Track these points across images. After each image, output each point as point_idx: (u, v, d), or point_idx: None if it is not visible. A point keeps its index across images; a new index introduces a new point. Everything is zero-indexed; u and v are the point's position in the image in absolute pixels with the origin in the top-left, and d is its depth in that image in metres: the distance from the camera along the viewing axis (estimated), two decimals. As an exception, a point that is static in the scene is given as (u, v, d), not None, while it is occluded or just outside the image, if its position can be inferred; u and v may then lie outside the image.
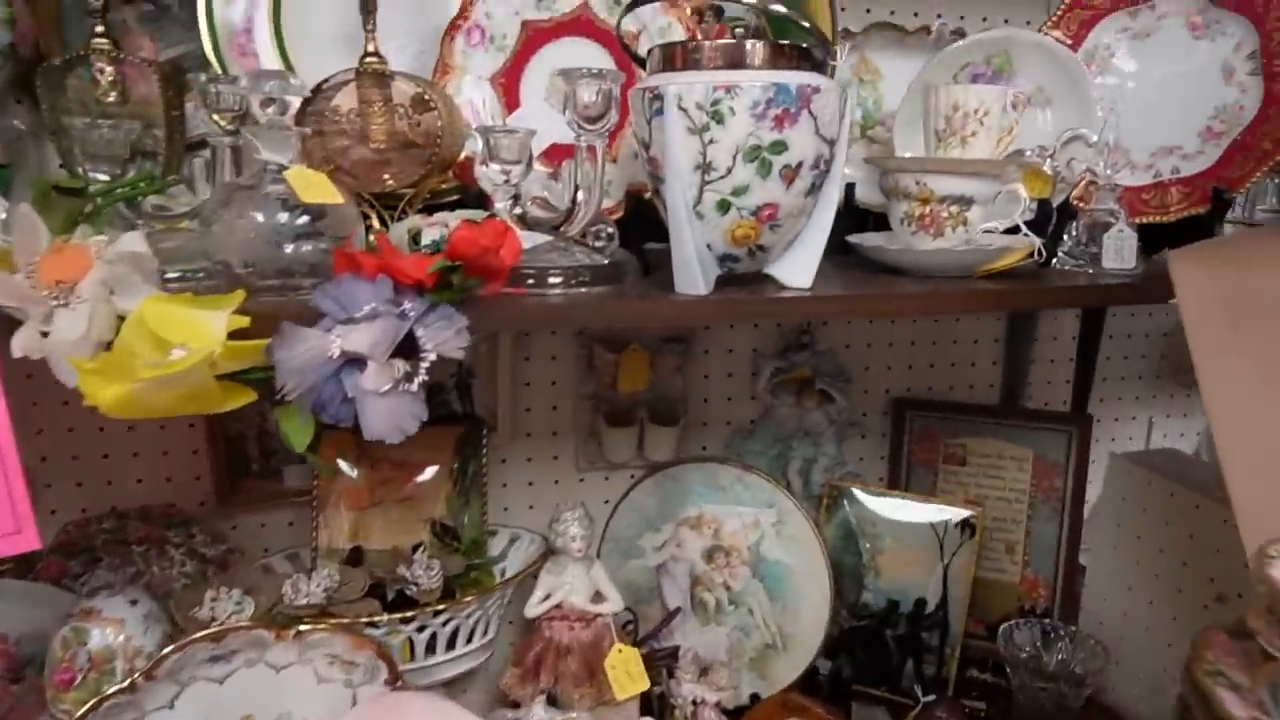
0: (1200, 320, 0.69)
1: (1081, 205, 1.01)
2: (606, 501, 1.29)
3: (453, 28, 0.98)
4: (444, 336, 0.72)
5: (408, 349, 0.70)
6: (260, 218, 0.74)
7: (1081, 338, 1.40)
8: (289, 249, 0.75)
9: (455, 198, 1.00)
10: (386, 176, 0.94)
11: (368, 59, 0.91)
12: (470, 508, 1.17)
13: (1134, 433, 1.51)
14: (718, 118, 0.73)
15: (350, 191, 0.91)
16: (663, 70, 0.78)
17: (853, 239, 0.96)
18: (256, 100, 0.76)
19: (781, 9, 0.74)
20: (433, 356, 0.70)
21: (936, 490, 1.32)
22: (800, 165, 0.76)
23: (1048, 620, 1.19)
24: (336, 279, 0.70)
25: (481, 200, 0.95)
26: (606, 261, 0.84)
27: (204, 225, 0.76)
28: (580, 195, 0.84)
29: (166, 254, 0.79)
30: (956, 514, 1.21)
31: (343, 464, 1.14)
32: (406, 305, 0.71)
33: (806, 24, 0.73)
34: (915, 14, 1.23)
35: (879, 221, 1.08)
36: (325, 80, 0.91)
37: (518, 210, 0.85)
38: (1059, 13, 1.05)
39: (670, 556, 1.26)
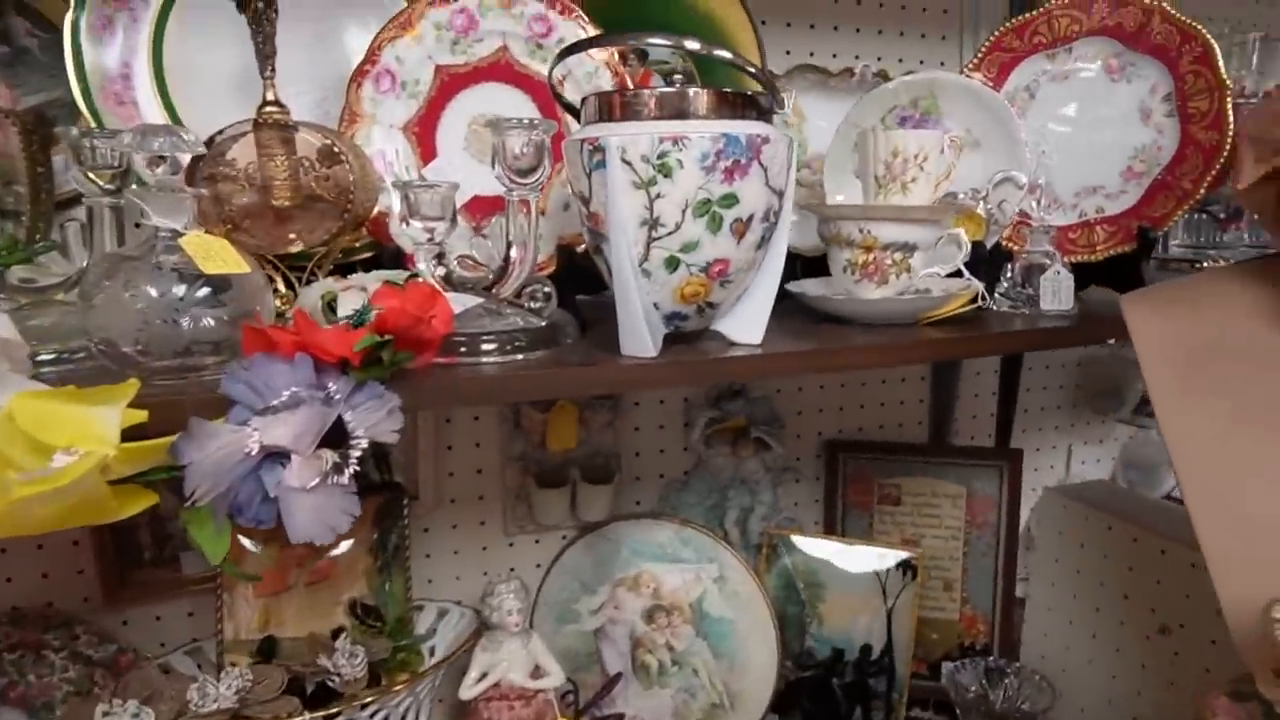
0: (1159, 368, 0.68)
1: (1013, 247, 1.01)
2: (538, 565, 1.23)
3: (360, 73, 0.91)
4: (375, 419, 0.64)
5: (335, 437, 0.63)
6: (153, 291, 0.65)
7: (1003, 372, 1.42)
8: (188, 326, 0.66)
9: (369, 255, 0.93)
10: (293, 236, 0.85)
11: (267, 108, 0.83)
12: (393, 584, 1.08)
13: (1055, 461, 1.53)
14: (665, 171, 0.69)
15: (252, 254, 0.83)
16: (600, 120, 0.73)
17: (792, 288, 0.93)
18: (143, 159, 0.67)
19: (726, 53, 0.70)
20: (364, 443, 0.63)
21: (873, 531, 1.30)
22: (751, 218, 0.72)
23: (992, 659, 1.18)
24: (247, 360, 0.62)
25: (399, 259, 0.88)
26: (544, 324, 0.79)
27: (84, 300, 0.66)
28: (514, 252, 0.78)
29: (37, 333, 0.70)
30: (896, 556, 1.19)
31: (247, 542, 1.04)
32: (331, 387, 0.63)
33: (753, 68, 0.69)
34: (834, 55, 1.22)
35: (807, 265, 1.06)
36: (219, 132, 0.83)
37: (442, 271, 0.79)
38: (979, 55, 1.06)
39: (608, 619, 1.20)
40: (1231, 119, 0.94)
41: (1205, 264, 1.06)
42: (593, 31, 0.89)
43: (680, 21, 1.02)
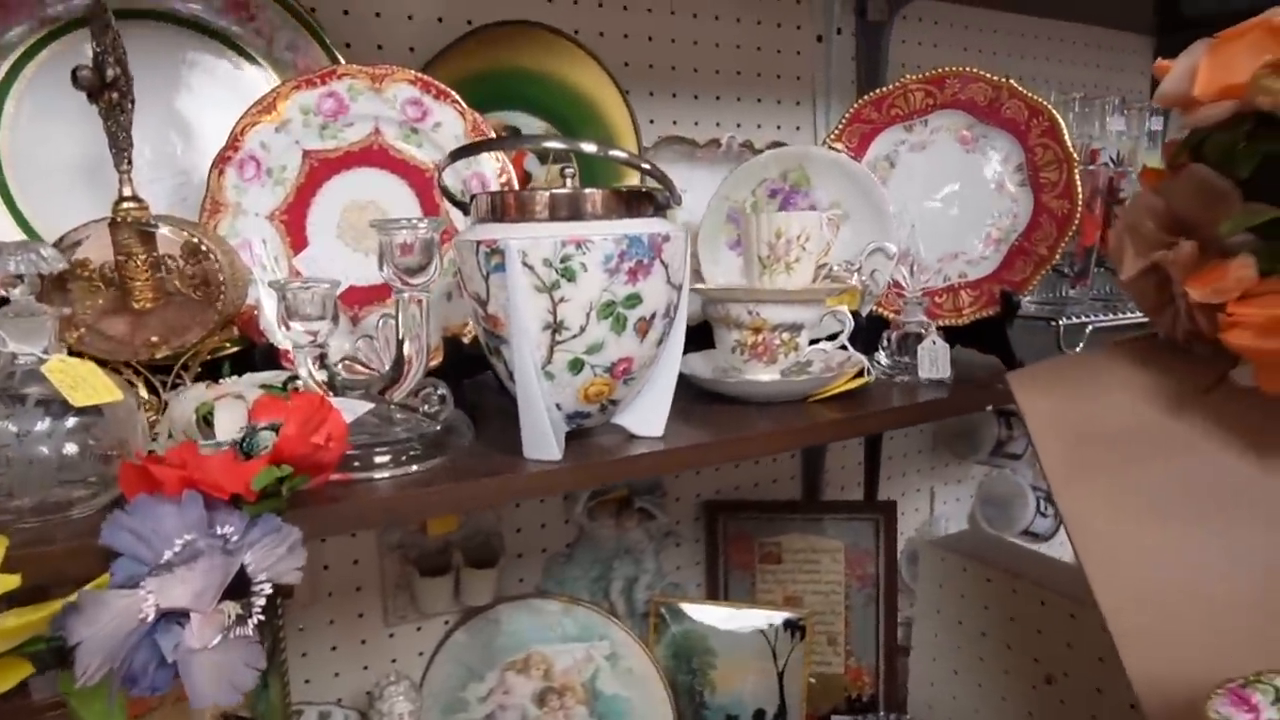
0: (1051, 448, 0.71)
1: (886, 313, 1.04)
2: (421, 654, 1.16)
3: (221, 160, 0.85)
4: (276, 558, 0.58)
5: (237, 585, 0.57)
6: (12, 427, 0.57)
7: (868, 421, 1.46)
8: (55, 464, 0.59)
9: (236, 350, 0.86)
10: (155, 339, 0.78)
11: (124, 205, 0.76)
12: (269, 691, 1.00)
13: (919, 503, 1.59)
14: (568, 275, 0.66)
15: (113, 361, 0.76)
16: (494, 220, 0.70)
17: (684, 369, 0.92)
18: (-7, 279, 0.59)
19: (622, 153, 0.68)
20: (268, 589, 0.57)
21: (756, 591, 1.31)
22: (653, 316, 0.71)
23: (880, 712, 1.21)
24: (130, 503, 0.56)
25: (271, 356, 0.82)
26: (438, 429, 0.75)
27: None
28: (408, 349, 0.73)
29: None
30: (783, 616, 1.20)
31: None
32: (227, 529, 0.57)
33: (647, 165, 0.68)
34: (696, 123, 1.23)
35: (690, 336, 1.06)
36: (70, 232, 0.75)
37: (324, 374, 0.74)
38: (840, 127, 1.09)
39: (498, 705, 1.15)
40: (1080, 188, 1.01)
41: (1060, 320, 1.12)
42: (468, 115, 0.86)
43: (557, 102, 1.00)
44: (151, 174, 0.90)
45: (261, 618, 0.57)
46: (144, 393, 0.80)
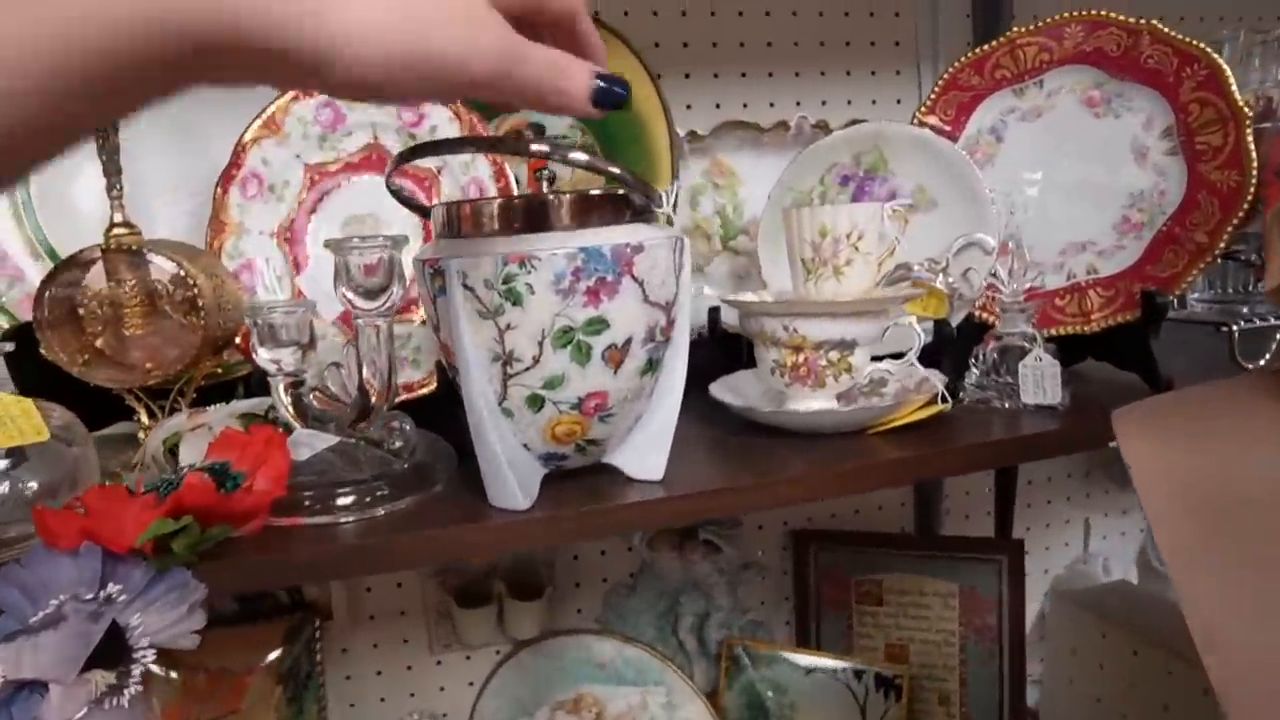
0: (1170, 524, 0.52)
1: (990, 318, 0.86)
2: (470, 684, 1.09)
3: (226, 179, 0.82)
4: (170, 619, 0.53)
5: (113, 650, 0.51)
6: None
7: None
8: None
9: (245, 374, 0.82)
10: (150, 366, 0.75)
11: (115, 231, 0.74)
12: (305, 715, 0.97)
13: (1070, 537, 1.36)
14: (513, 298, 0.55)
15: (119, 386, 0.76)
16: (446, 235, 0.60)
17: (717, 392, 0.79)
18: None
19: (582, 156, 0.56)
20: (151, 655, 0.51)
21: (853, 636, 1.14)
22: (629, 342, 0.59)
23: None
24: (31, 553, 0.52)
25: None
26: (406, 466, 0.66)
27: None
28: (366, 373, 0.65)
29: None
30: (875, 671, 1.04)
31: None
32: (112, 589, 0.52)
33: (616, 170, 0.56)
34: (771, 104, 1.08)
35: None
36: (73, 255, 0.74)
37: (290, 403, 0.67)
38: (932, 97, 0.91)
39: (550, 747, 1.06)
40: (1254, 153, 0.78)
41: (1235, 325, 0.89)
42: (464, 116, 0.76)
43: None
44: (172, 196, 0.89)
45: (140, 687, 0.51)
46: (144, 418, 0.78)
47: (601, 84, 0.40)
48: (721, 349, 0.90)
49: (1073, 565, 1.33)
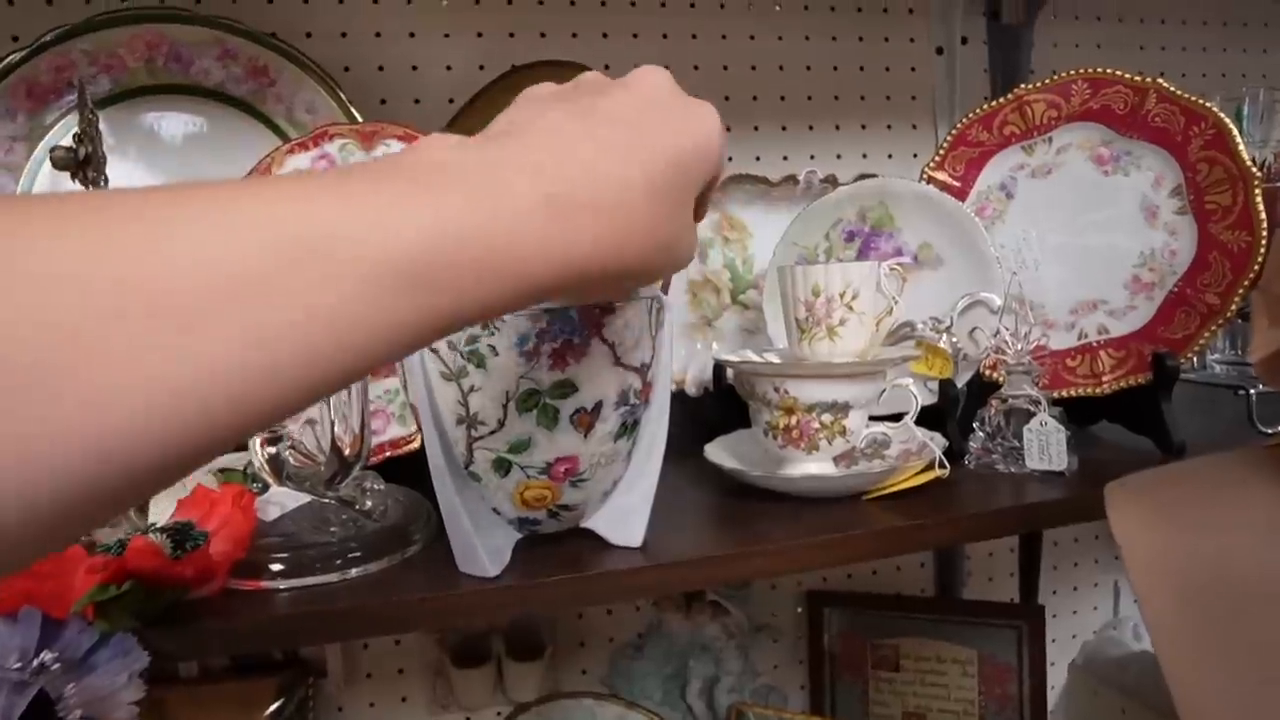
0: (1159, 606, 0.49)
1: (998, 376, 0.83)
2: (472, 747, 1.07)
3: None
4: (107, 689, 0.51)
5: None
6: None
7: (1022, 499, 1.21)
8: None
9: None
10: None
11: None
12: (291, 777, 0.95)
13: (1099, 600, 1.30)
14: (476, 360, 0.54)
15: None
16: (414, 292, 0.59)
17: (711, 453, 0.77)
18: None
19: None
20: (81, 730, 0.50)
21: (869, 703, 1.10)
22: (599, 406, 0.57)
23: None
24: None
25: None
26: (377, 527, 0.65)
27: None
28: (337, 429, 0.64)
29: None
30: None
31: None
32: (47, 656, 0.50)
33: None
34: (785, 157, 1.07)
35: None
36: None
37: (265, 460, 0.66)
38: (941, 152, 0.89)
39: (552, 817, 1.03)
40: (1263, 213, 0.76)
41: (1253, 388, 0.86)
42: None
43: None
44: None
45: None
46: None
47: None
48: (727, 404, 0.88)
49: (1102, 631, 1.26)
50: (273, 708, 0.94)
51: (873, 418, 0.74)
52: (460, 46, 1.02)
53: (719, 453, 0.78)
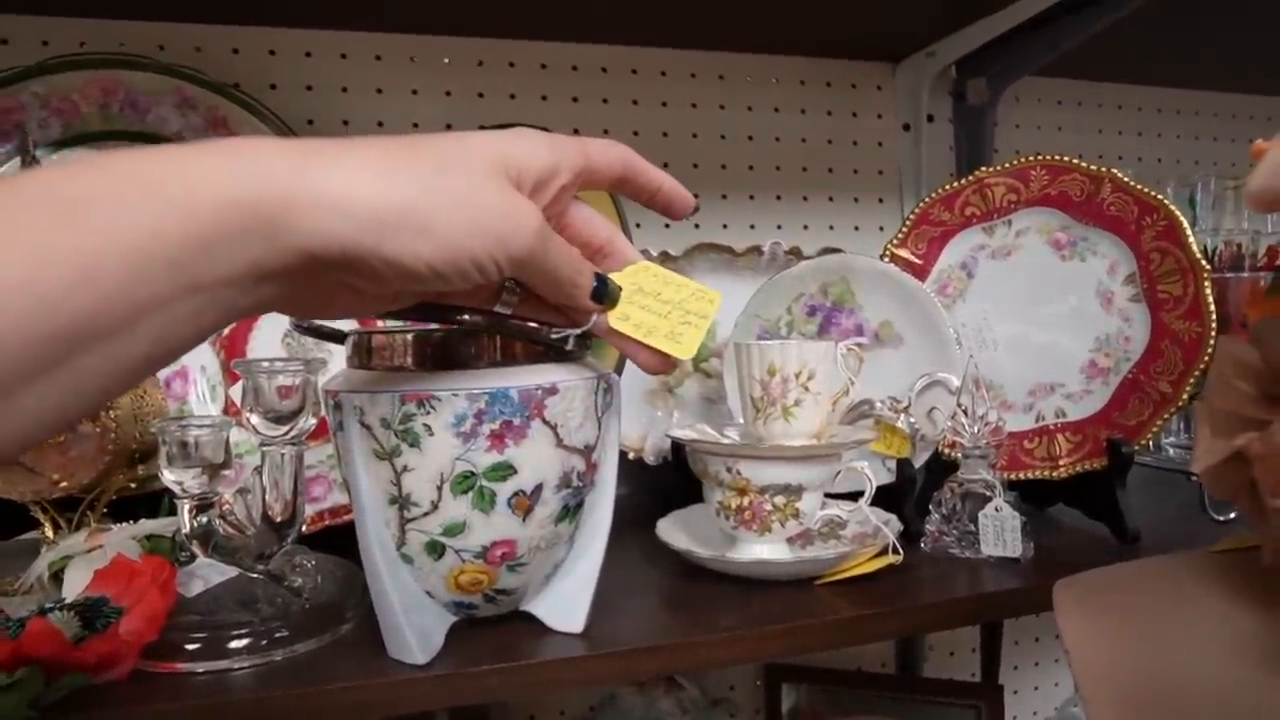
0: (1096, 700, 0.48)
1: (954, 452, 0.82)
2: (414, 826, 1.02)
3: (165, 282, 0.79)
4: None
5: None
6: None
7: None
8: None
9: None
10: (56, 476, 0.72)
11: None
12: None
13: (1061, 676, 1.29)
14: (410, 439, 0.52)
15: (20, 497, 0.71)
16: (353, 366, 0.58)
17: (663, 531, 0.75)
18: None
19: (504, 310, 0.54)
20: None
21: (825, 784, 1.07)
22: (539, 489, 0.55)
23: None
24: None
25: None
26: (308, 605, 0.62)
27: None
28: (269, 496, 0.62)
29: None
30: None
31: None
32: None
33: (533, 325, 0.53)
34: (752, 226, 1.07)
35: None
36: None
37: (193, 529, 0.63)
38: (903, 230, 0.89)
39: None
40: (1212, 305, 0.76)
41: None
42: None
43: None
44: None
45: None
46: (49, 532, 0.75)
47: (598, 286, 0.47)
48: (687, 475, 0.86)
49: (1064, 708, 1.25)
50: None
51: (830, 495, 0.73)
52: (428, 104, 1.02)
53: (671, 530, 0.76)
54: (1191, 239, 0.77)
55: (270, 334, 0.80)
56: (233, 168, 0.33)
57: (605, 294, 0.48)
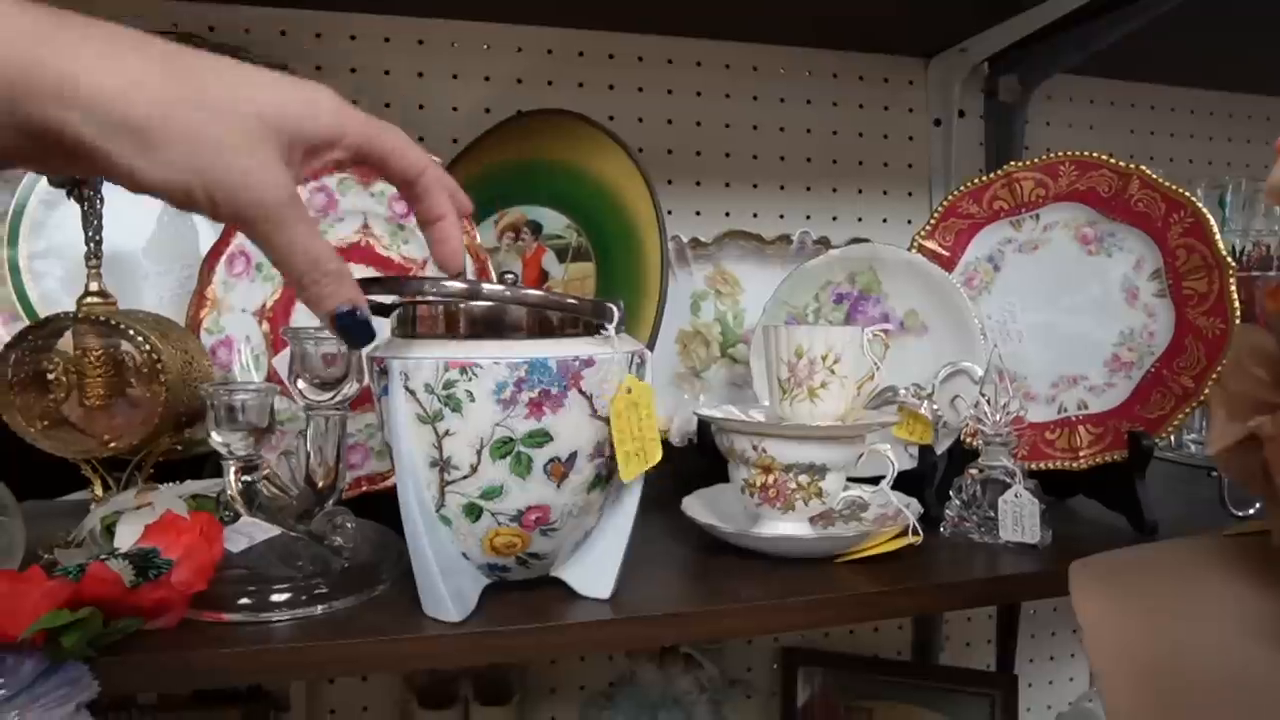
0: (1111, 677, 0.49)
1: (975, 442, 0.83)
2: (436, 790, 1.05)
3: (213, 254, 0.83)
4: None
5: None
6: None
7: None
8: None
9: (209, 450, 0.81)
10: (108, 437, 0.75)
11: (88, 299, 0.75)
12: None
13: (1075, 671, 1.30)
14: (453, 404, 0.55)
15: (73, 455, 0.74)
16: (400, 335, 0.60)
17: (689, 506, 0.77)
18: None
19: (535, 293, 0.56)
20: (19, 761, 0.49)
21: (838, 766, 1.09)
22: (573, 457, 0.58)
23: None
24: None
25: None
26: (347, 564, 0.65)
27: None
28: (313, 461, 0.64)
29: None
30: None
31: None
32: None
33: (573, 301, 0.56)
34: (781, 216, 1.09)
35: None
36: (45, 320, 0.74)
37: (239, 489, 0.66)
38: (931, 222, 0.91)
39: None
40: (1236, 302, 0.77)
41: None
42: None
43: (583, 194, 0.90)
44: (161, 265, 0.90)
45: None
46: (99, 491, 0.78)
47: (350, 313, 0.44)
48: (711, 456, 0.88)
49: (1077, 703, 1.25)
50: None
51: (851, 480, 0.75)
52: (468, 89, 1.04)
53: (696, 506, 0.78)
54: (1218, 236, 0.78)
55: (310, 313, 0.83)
56: None
57: (352, 333, 0.44)
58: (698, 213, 1.08)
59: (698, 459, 0.91)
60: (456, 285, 0.54)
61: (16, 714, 0.49)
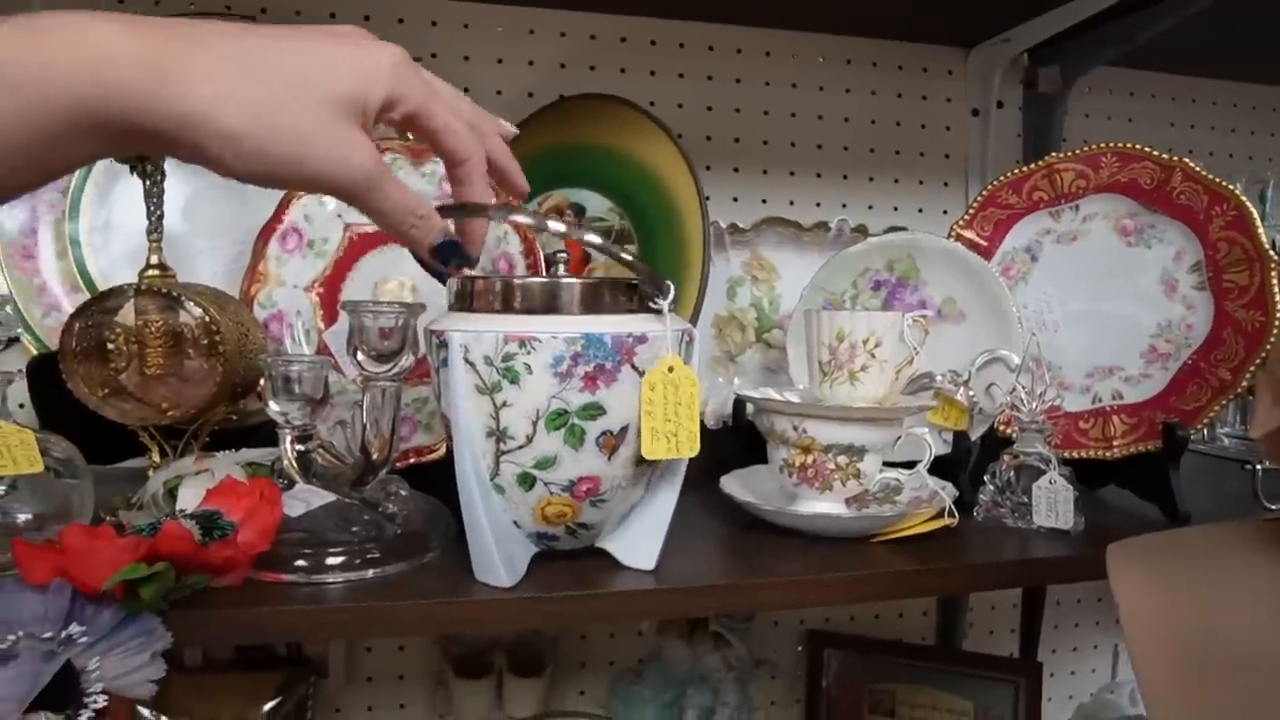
0: (1157, 676, 0.50)
1: (1012, 433, 0.85)
2: (469, 758, 1.08)
3: (267, 230, 0.85)
4: (130, 666, 0.53)
5: (63, 691, 0.52)
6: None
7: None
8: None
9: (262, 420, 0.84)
10: (165, 406, 0.77)
11: (149, 272, 0.78)
12: (286, 773, 0.96)
13: (1098, 663, 1.31)
14: (511, 376, 0.57)
15: (134, 423, 0.77)
16: (457, 308, 0.62)
17: (727, 485, 0.79)
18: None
19: (596, 239, 0.58)
20: (100, 700, 0.52)
21: (862, 748, 1.11)
22: (625, 430, 0.59)
23: None
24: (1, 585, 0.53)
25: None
26: (400, 531, 0.67)
27: None
28: (368, 432, 0.66)
29: None
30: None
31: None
32: (74, 629, 0.53)
33: (627, 256, 0.58)
34: (818, 204, 1.10)
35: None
36: (107, 291, 0.77)
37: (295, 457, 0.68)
38: (970, 212, 0.92)
39: (539, 835, 1.03)
40: (1278, 296, 0.78)
41: (1259, 464, 0.87)
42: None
43: (626, 179, 0.92)
44: (213, 241, 0.92)
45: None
46: (156, 457, 0.81)
47: (445, 242, 0.49)
48: (745, 439, 0.90)
49: (1099, 694, 1.27)
50: (273, 703, 0.96)
51: (887, 464, 0.76)
52: (512, 73, 1.06)
53: (734, 485, 0.79)
54: (1261, 229, 0.78)
55: (363, 284, 0.85)
56: (85, 69, 0.35)
57: (450, 257, 0.49)
58: (735, 199, 1.09)
59: (731, 443, 0.93)
60: (525, 219, 0.55)
61: (98, 660, 0.52)
